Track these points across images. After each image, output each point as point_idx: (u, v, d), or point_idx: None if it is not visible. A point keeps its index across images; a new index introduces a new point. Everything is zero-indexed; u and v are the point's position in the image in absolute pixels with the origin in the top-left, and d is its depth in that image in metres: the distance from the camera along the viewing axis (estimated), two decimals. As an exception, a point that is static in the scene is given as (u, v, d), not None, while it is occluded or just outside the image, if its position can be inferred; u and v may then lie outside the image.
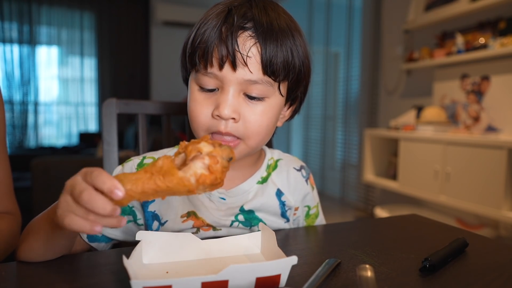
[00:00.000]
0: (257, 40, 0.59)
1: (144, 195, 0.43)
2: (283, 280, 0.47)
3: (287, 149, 5.46)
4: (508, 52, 2.26)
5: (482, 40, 2.47)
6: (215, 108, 0.60)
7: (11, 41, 4.70)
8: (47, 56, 4.95)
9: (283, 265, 0.46)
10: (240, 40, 0.59)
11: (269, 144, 1.00)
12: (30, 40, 4.76)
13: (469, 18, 2.67)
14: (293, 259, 0.46)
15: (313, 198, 0.80)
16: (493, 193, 2.08)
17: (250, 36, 0.59)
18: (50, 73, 5.00)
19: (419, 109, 2.90)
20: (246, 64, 0.59)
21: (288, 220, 0.75)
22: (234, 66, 0.59)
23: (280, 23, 0.62)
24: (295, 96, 0.69)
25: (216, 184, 0.45)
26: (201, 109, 0.62)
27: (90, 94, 5.19)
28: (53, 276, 0.50)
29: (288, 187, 0.75)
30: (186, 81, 0.70)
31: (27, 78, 4.79)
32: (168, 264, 0.54)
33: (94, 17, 5.09)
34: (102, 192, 0.41)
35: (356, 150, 4.02)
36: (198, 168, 0.44)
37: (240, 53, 0.58)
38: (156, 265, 0.53)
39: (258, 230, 0.66)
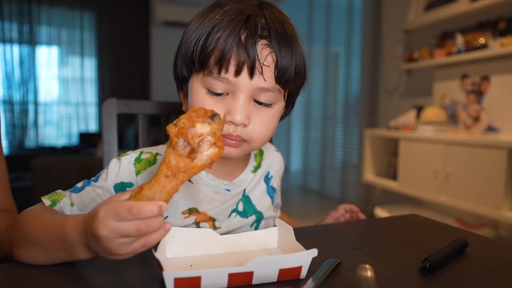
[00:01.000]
0: (272, 50, 0.60)
1: (174, 193, 0.47)
2: (304, 272, 0.50)
3: (287, 149, 5.46)
4: (508, 52, 2.26)
5: (482, 40, 2.47)
6: (226, 113, 0.61)
7: (11, 41, 4.71)
8: (47, 56, 4.96)
9: (304, 258, 0.49)
10: (258, 47, 0.60)
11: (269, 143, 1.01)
12: (30, 40, 4.77)
13: (469, 18, 2.67)
14: (314, 252, 0.49)
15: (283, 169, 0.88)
16: (493, 193, 2.08)
17: (267, 44, 0.60)
18: (50, 73, 5.00)
19: (419, 109, 2.90)
20: (262, 73, 0.60)
21: (273, 204, 0.81)
22: (251, 74, 0.59)
23: (290, 29, 0.64)
24: (292, 101, 0.73)
25: (221, 155, 0.50)
26: None
27: (90, 94, 5.19)
28: (53, 276, 0.50)
29: (275, 169, 0.83)
30: (178, 80, 0.69)
31: (27, 78, 4.79)
32: (191, 258, 0.56)
33: (94, 17, 5.09)
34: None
35: (356, 150, 4.03)
36: (207, 150, 0.48)
37: (259, 61, 0.59)
38: (180, 259, 0.55)
39: (255, 222, 0.73)
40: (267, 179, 0.80)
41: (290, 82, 0.64)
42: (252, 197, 0.75)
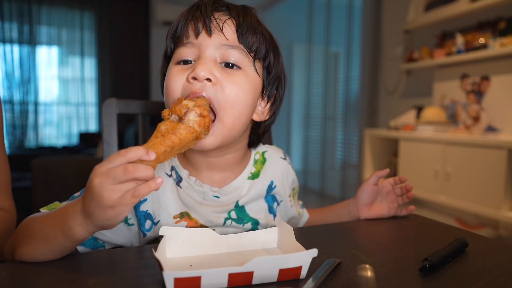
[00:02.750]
0: (231, 17, 0.63)
1: (165, 154, 0.50)
2: (304, 272, 0.50)
3: (287, 149, 5.46)
4: (508, 52, 2.26)
5: (482, 40, 2.47)
6: (190, 73, 0.61)
7: (11, 41, 4.71)
8: (47, 56, 4.96)
9: (304, 258, 0.49)
10: (215, 14, 0.63)
11: (269, 144, 1.00)
12: (30, 40, 4.77)
13: (469, 18, 2.67)
14: (314, 252, 0.49)
15: (296, 180, 0.84)
16: (493, 193, 2.08)
17: (224, 13, 0.64)
18: (50, 73, 5.00)
19: (419, 109, 2.90)
20: (221, 31, 0.62)
21: (275, 215, 0.75)
22: (209, 32, 0.62)
23: (256, 17, 0.67)
24: (272, 93, 0.70)
25: (209, 124, 0.56)
26: (175, 78, 0.63)
27: (90, 94, 5.19)
28: (53, 276, 0.50)
29: (280, 177, 0.76)
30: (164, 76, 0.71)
31: (27, 78, 4.79)
32: (191, 258, 0.56)
33: (94, 17, 5.09)
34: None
35: (356, 150, 4.02)
36: (194, 117, 0.54)
37: (216, 20, 0.62)
38: (180, 259, 0.55)
39: (251, 228, 0.70)
40: (270, 189, 0.74)
41: (255, 49, 0.64)
42: (247, 207, 0.71)
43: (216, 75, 0.61)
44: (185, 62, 0.64)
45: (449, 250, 0.58)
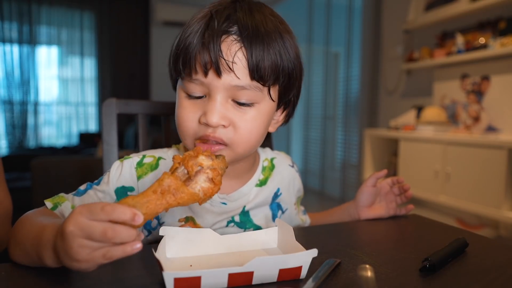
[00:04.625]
0: (242, 45, 0.57)
1: (156, 214, 0.46)
2: (304, 272, 0.50)
3: (287, 149, 5.46)
4: (508, 52, 2.26)
5: (482, 40, 2.47)
6: (202, 115, 0.59)
7: (11, 41, 4.70)
8: (47, 56, 4.95)
9: (304, 258, 0.49)
10: (224, 45, 0.57)
11: (269, 146, 1.00)
12: (30, 40, 4.76)
13: (469, 18, 2.67)
14: (314, 252, 0.49)
15: (302, 188, 0.84)
16: (493, 193, 2.08)
17: (235, 40, 0.57)
18: (50, 73, 5.00)
19: (419, 109, 2.90)
20: (232, 70, 0.57)
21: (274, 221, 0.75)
22: (218, 73, 0.57)
23: (267, 25, 0.59)
24: (288, 100, 0.67)
25: (215, 193, 0.50)
26: (187, 115, 0.61)
27: (90, 94, 5.19)
28: (52, 276, 0.50)
29: (286, 185, 0.77)
30: (174, 81, 0.69)
31: (27, 78, 4.79)
32: (191, 258, 0.56)
33: (94, 17, 5.09)
34: (121, 223, 0.41)
35: (356, 150, 4.02)
36: (203, 182, 0.48)
37: (224, 59, 0.57)
38: (180, 259, 0.55)
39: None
40: (275, 196, 0.74)
41: (268, 77, 0.59)
42: (252, 212, 0.71)
43: (228, 118, 0.59)
44: (195, 96, 0.61)
45: (449, 250, 0.58)
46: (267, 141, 1.00)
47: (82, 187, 0.66)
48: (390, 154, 3.12)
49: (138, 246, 0.41)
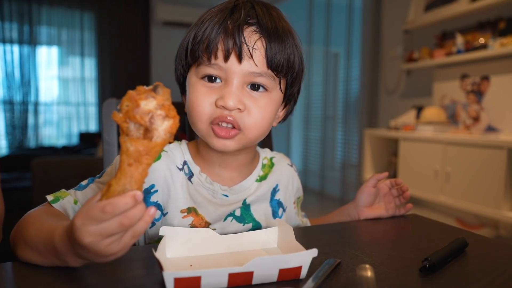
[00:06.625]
0: (261, 35, 0.62)
1: (144, 178, 0.44)
2: (304, 272, 0.50)
3: (287, 149, 5.46)
4: (508, 52, 2.27)
5: (482, 40, 2.47)
6: (219, 98, 0.61)
7: (11, 41, 4.70)
8: (47, 56, 4.95)
9: (304, 258, 0.49)
10: (246, 33, 0.61)
11: (270, 146, 1.00)
12: (30, 40, 4.76)
13: (469, 18, 2.67)
14: (314, 252, 0.49)
15: (301, 189, 0.87)
16: (493, 193, 2.08)
17: (255, 31, 0.62)
18: (50, 73, 5.00)
19: (419, 109, 2.90)
20: (251, 57, 0.61)
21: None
22: (240, 58, 0.60)
23: (282, 24, 0.65)
24: (291, 96, 0.71)
25: (178, 126, 0.46)
26: (202, 99, 0.63)
27: (90, 94, 5.19)
28: (53, 276, 0.50)
29: (285, 182, 0.79)
30: (179, 82, 0.71)
31: (27, 78, 4.79)
32: (191, 258, 0.56)
33: (94, 17, 5.09)
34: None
35: (356, 150, 4.02)
36: (161, 124, 0.44)
37: (247, 45, 0.61)
38: (180, 259, 0.55)
39: (251, 229, 0.71)
40: (274, 191, 0.76)
41: (282, 69, 0.64)
42: (253, 207, 0.73)
43: (243, 102, 0.62)
44: (210, 77, 0.63)
45: (449, 250, 0.58)
46: (267, 141, 1.00)
47: (84, 182, 0.67)
48: (390, 154, 3.12)
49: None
